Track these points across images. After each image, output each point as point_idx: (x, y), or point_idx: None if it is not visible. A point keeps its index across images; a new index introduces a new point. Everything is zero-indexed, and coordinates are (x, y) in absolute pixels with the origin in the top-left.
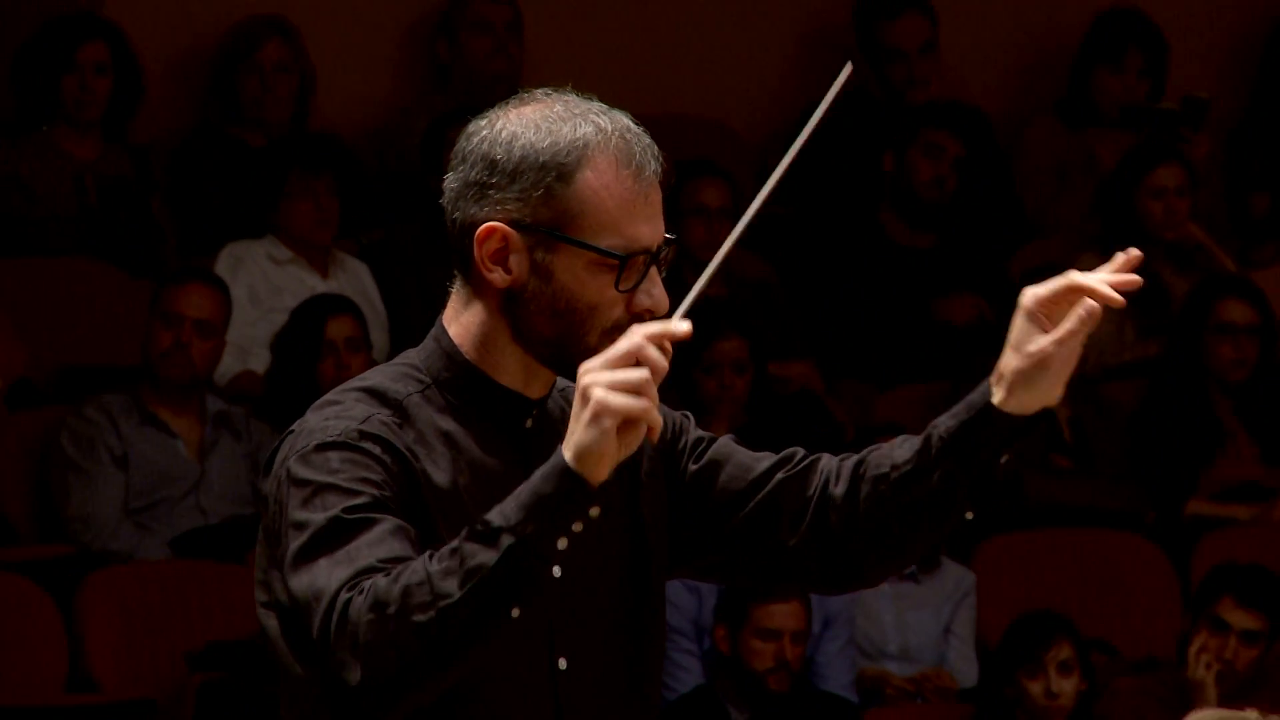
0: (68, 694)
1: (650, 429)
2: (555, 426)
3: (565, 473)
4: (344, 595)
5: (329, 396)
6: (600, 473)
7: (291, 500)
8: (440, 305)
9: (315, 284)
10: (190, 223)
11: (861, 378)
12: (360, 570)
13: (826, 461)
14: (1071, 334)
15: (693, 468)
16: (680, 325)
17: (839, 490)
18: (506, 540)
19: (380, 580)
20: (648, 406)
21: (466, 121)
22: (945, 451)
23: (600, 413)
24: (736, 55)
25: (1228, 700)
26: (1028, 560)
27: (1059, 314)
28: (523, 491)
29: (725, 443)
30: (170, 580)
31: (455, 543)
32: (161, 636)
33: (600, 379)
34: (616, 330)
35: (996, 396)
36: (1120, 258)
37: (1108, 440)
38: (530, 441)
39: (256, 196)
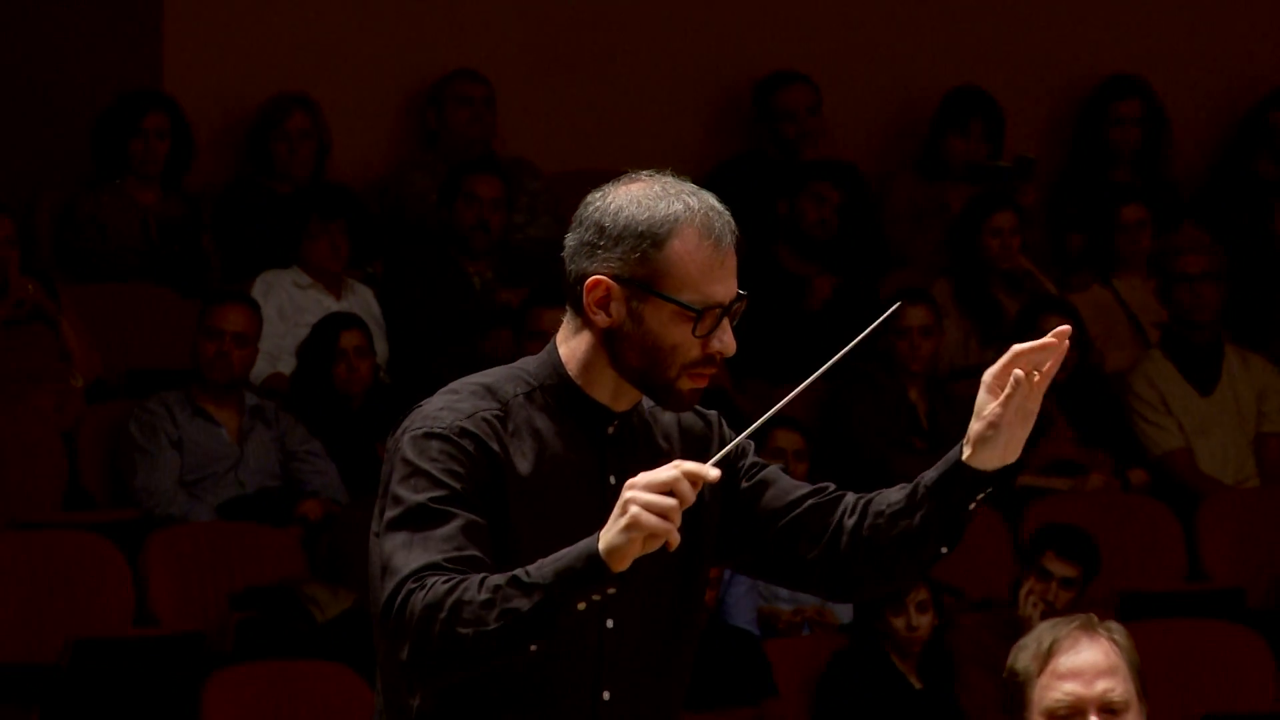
0: (134, 628)
1: (669, 543)
2: (634, 435)
3: (594, 558)
4: (410, 585)
5: (453, 385)
6: (621, 565)
7: (397, 472)
8: (430, 321)
9: (330, 304)
10: (231, 255)
11: (762, 377)
12: (429, 564)
13: (850, 498)
14: (1009, 397)
15: (745, 485)
16: (712, 471)
17: (851, 522)
18: (537, 596)
19: (440, 585)
20: (670, 529)
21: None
22: (927, 497)
23: (632, 526)
24: (662, 120)
25: None
26: None
27: (1006, 380)
28: (561, 559)
29: (774, 470)
30: (216, 538)
31: (501, 581)
32: (209, 582)
33: (639, 499)
34: (694, 366)
35: (965, 454)
36: (1056, 330)
37: (956, 427)
38: (609, 445)
39: (284, 235)
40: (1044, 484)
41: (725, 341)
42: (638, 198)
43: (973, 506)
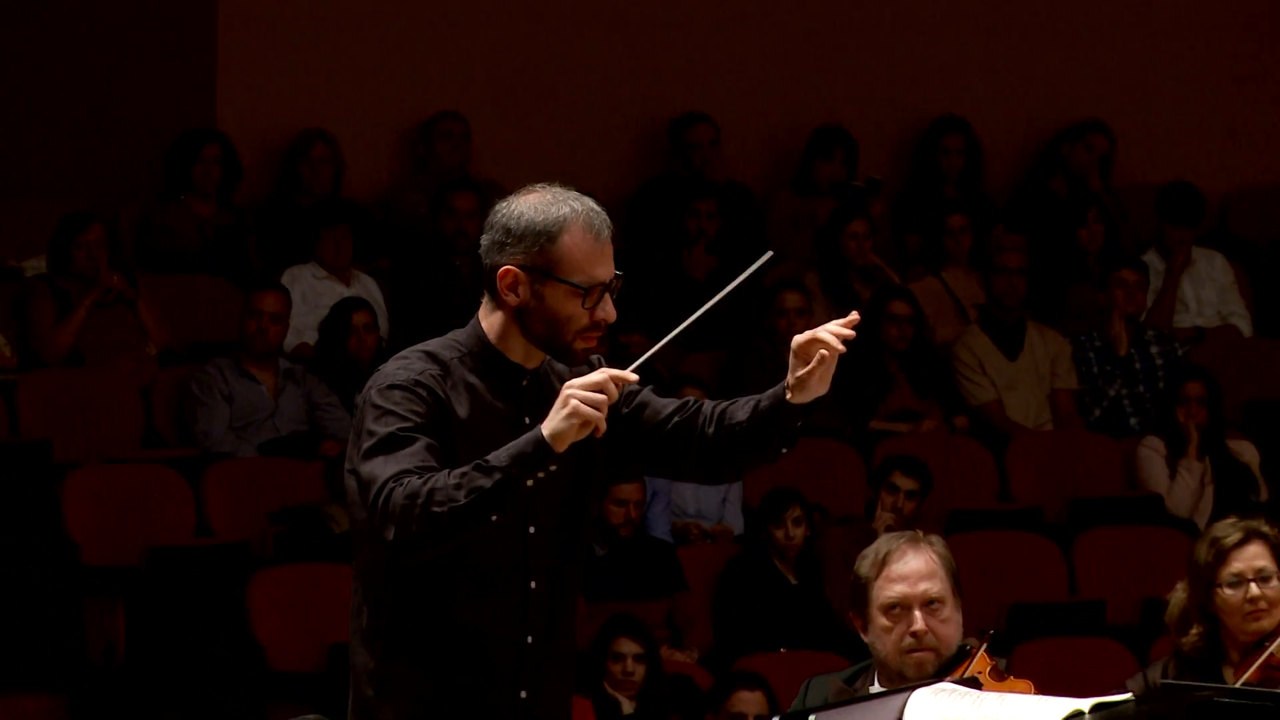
0: (196, 538)
1: (597, 429)
2: (541, 387)
3: (541, 441)
4: (390, 484)
5: (403, 353)
6: (561, 447)
7: (368, 415)
8: (415, 305)
9: (343, 291)
10: (269, 254)
11: (674, 343)
12: (403, 470)
13: (706, 407)
14: (811, 370)
15: (625, 410)
16: (631, 375)
17: (711, 430)
18: (497, 475)
19: (414, 480)
20: (600, 417)
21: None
22: (762, 415)
23: (572, 414)
24: (599, 149)
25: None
26: None
27: (812, 351)
28: (513, 445)
29: (647, 392)
30: (258, 469)
31: (467, 469)
32: (253, 503)
33: (577, 394)
34: (585, 330)
35: (787, 395)
36: (846, 318)
37: None
38: (523, 395)
39: (307, 238)
40: (889, 428)
41: (608, 311)
42: (534, 204)
43: (800, 423)
